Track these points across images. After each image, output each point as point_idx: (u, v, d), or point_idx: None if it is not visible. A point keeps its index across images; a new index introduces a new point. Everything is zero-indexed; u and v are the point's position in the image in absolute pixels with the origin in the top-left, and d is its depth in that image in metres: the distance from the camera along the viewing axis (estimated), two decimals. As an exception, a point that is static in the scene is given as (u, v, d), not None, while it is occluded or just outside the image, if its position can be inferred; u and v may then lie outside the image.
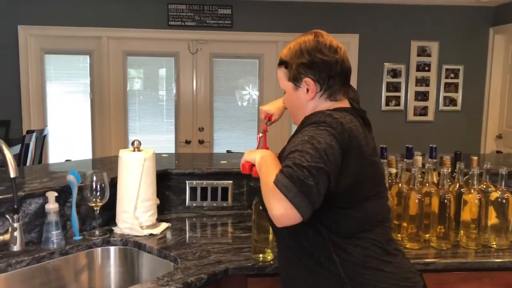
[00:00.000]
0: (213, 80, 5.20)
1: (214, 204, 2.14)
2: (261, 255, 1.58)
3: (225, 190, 2.14)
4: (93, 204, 1.77)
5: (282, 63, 1.38)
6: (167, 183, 2.10)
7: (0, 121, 4.85)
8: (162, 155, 2.48)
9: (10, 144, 4.33)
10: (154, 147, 1.94)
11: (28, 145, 3.84)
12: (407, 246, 1.71)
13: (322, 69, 1.30)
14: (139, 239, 1.74)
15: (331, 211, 1.21)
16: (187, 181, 2.12)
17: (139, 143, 1.86)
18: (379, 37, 5.19)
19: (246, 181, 2.15)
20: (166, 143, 5.21)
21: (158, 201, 1.98)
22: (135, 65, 5.21)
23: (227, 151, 3.67)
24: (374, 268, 1.25)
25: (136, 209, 1.80)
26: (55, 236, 1.64)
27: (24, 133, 4.16)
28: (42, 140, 4.42)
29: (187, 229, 1.92)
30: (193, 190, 2.13)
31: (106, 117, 5.11)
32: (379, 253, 1.26)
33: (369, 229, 1.27)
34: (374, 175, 1.29)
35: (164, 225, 1.89)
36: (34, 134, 3.94)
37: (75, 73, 5.16)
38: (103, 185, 1.76)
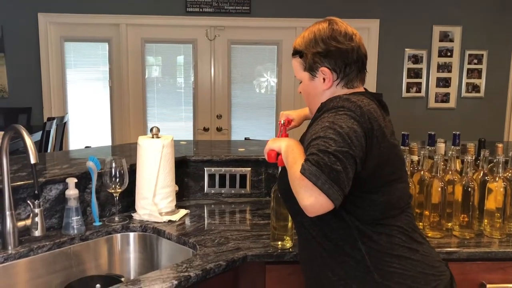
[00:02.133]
0: (231, 67, 5.17)
1: (233, 191, 2.13)
2: (279, 243, 1.57)
3: (243, 177, 2.12)
4: (113, 191, 1.77)
5: (297, 53, 1.35)
6: (186, 170, 2.10)
7: (22, 109, 4.92)
8: (181, 142, 2.48)
9: (31, 131, 4.40)
10: (172, 134, 1.94)
11: (49, 132, 3.88)
12: (429, 234, 1.68)
13: (338, 57, 1.27)
14: (158, 226, 1.75)
15: (354, 196, 1.18)
16: (205, 168, 2.11)
17: (158, 130, 1.85)
18: (400, 22, 5.09)
19: (265, 168, 2.14)
20: (184, 131, 5.21)
21: (177, 188, 1.98)
22: (153, 53, 5.20)
23: (245, 138, 3.65)
24: (401, 256, 1.22)
25: (155, 196, 1.80)
26: (75, 221, 1.65)
27: (45, 120, 4.21)
28: (62, 127, 4.47)
29: (205, 216, 1.92)
30: (211, 177, 2.12)
31: (125, 104, 5.13)
32: (405, 240, 1.24)
33: (393, 216, 1.24)
34: (395, 158, 1.27)
35: (183, 212, 1.89)
36: (55, 121, 3.99)
37: (94, 60, 5.17)
38: (122, 171, 1.77)
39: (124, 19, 4.99)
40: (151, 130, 1.84)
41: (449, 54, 5.16)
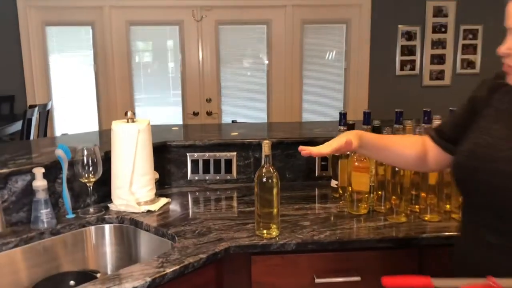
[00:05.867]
0: (219, 49, 5.00)
1: (218, 177, 2.01)
2: (265, 231, 1.45)
3: (228, 162, 2.00)
4: (86, 180, 1.65)
5: None
6: (167, 156, 1.98)
7: (4, 97, 4.75)
8: (173, 128, 2.35)
9: (14, 120, 4.25)
10: (161, 119, 1.80)
11: (30, 120, 3.73)
12: (426, 218, 1.57)
13: None
14: (136, 216, 1.62)
15: None
16: (187, 154, 1.99)
17: (133, 114, 1.72)
18: (392, -2, 4.92)
19: (252, 152, 2.01)
20: (173, 116, 5.07)
21: (157, 176, 1.86)
22: (139, 36, 5.02)
23: (232, 121, 3.52)
24: None
25: (132, 185, 1.68)
26: (44, 215, 1.52)
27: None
28: (46, 114, 4.32)
29: (188, 204, 1.80)
30: (194, 163, 2.00)
31: (111, 89, 4.97)
32: None
33: None
34: None
35: (163, 201, 1.77)
36: (36, 108, 3.83)
37: (78, 45, 4.99)
38: (95, 159, 1.64)
39: (107, 1, 4.80)
40: (126, 114, 1.71)
41: (443, 30, 5.01)
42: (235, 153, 2.00)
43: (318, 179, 2.03)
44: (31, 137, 3.80)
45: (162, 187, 1.94)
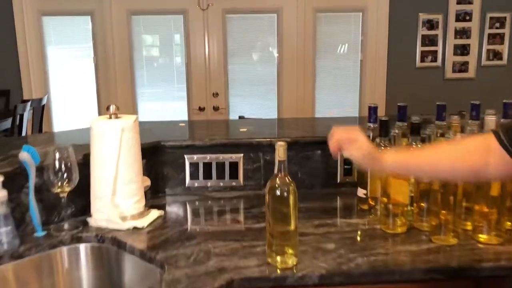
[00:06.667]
0: (226, 40, 4.69)
1: (221, 184, 1.69)
2: (279, 258, 1.14)
3: (234, 165, 1.69)
4: (59, 190, 1.34)
5: None
6: (161, 158, 1.67)
7: (-1, 91, 4.48)
8: (180, 124, 2.05)
9: (10, 116, 3.96)
10: (165, 115, 1.49)
11: (22, 116, 3.45)
12: (482, 239, 1.24)
13: None
14: (119, 235, 1.32)
15: None
16: (185, 156, 1.67)
17: (117, 108, 1.41)
18: (412, -16, 4.57)
19: (262, 154, 1.70)
20: (178, 111, 4.78)
21: (147, 183, 1.55)
22: (141, 26, 4.73)
23: (240, 117, 3.21)
24: None
25: (115, 195, 1.37)
26: (4, 234, 1.22)
27: (25, 103, 3.78)
28: (41, 109, 4.03)
29: (184, 218, 1.49)
30: (194, 166, 1.68)
31: (112, 83, 4.70)
32: None
33: None
34: None
35: (154, 214, 1.46)
36: (29, 103, 3.55)
37: (77, 36, 4.73)
38: (69, 164, 1.33)
39: (107, -12, 4.51)
40: (108, 108, 1.40)
41: (467, 18, 4.66)
42: (242, 155, 1.68)
43: (341, 186, 1.71)
44: (23, 134, 3.52)
45: (155, 196, 1.63)
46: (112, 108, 1.39)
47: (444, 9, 4.65)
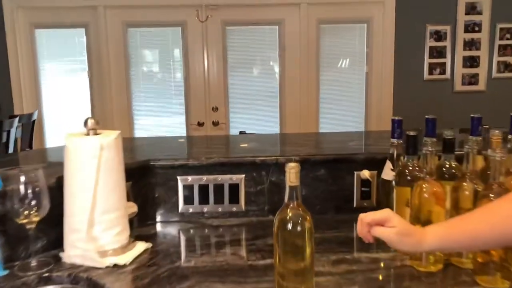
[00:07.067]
0: (226, 53, 4.51)
1: (219, 209, 1.47)
2: (291, 307, 0.91)
3: (234, 188, 1.46)
4: (25, 220, 1.12)
5: None
6: (150, 180, 1.45)
7: (-12, 107, 4.28)
8: (179, 140, 1.84)
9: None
10: (162, 130, 1.27)
11: (9, 132, 3.24)
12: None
13: None
14: (96, 275, 1.09)
15: None
16: (178, 177, 1.45)
17: (96, 122, 1.20)
18: (419, -6, 4.41)
19: (266, 174, 1.48)
20: (176, 126, 4.58)
21: (133, 209, 1.33)
22: (137, 39, 4.55)
23: (240, 132, 3.00)
24: None
25: (93, 226, 1.15)
26: (-47, 277, 1.00)
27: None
28: (31, 125, 3.82)
29: (177, 251, 1.26)
30: (188, 189, 1.46)
31: (107, 98, 4.50)
32: None
33: None
34: None
35: (140, 247, 1.23)
36: (17, 119, 3.34)
37: (71, 49, 4.55)
38: (37, 189, 1.12)
39: (102, 0, 4.34)
40: (85, 123, 1.19)
41: (477, 29, 4.49)
42: (243, 175, 1.47)
43: (357, 211, 1.48)
44: (10, 151, 3.30)
45: (143, 224, 1.41)
46: (90, 122, 1.18)
47: (452, 19, 4.48)
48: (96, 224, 1.15)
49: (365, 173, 1.45)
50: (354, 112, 4.61)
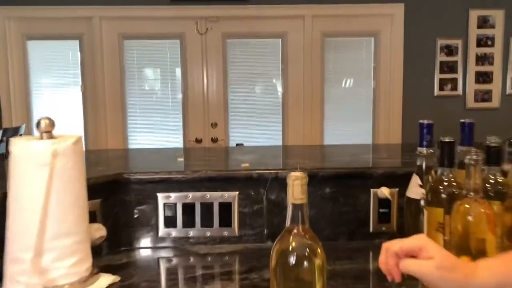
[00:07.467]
0: (227, 66, 4.35)
1: (208, 234, 1.22)
2: None
3: (226, 207, 1.21)
4: (-46, 246, 0.87)
5: None
6: (124, 198, 1.20)
7: (-25, 121, 4.08)
8: (178, 159, 1.58)
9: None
10: (159, 147, 1.03)
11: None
12: None
13: None
14: (40, 320, 0.84)
15: None
16: (158, 194, 1.20)
17: (51, 123, 0.96)
18: (429, 7, 4.25)
19: (265, 192, 1.23)
20: (173, 143, 4.38)
21: (101, 233, 1.08)
22: (134, 51, 4.38)
23: (237, 144, 2.77)
24: None
25: (42, 255, 0.90)
26: None
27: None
28: (17, 141, 3.59)
29: (153, 287, 1.01)
30: (170, 209, 1.21)
31: (101, 113, 4.32)
32: None
33: None
34: None
35: (104, 282, 0.98)
36: (0, 132, 3.12)
37: (64, 62, 4.39)
38: (-30, 207, 0.87)
39: (97, 11, 4.20)
40: (38, 124, 0.95)
41: (489, 43, 4.33)
42: (237, 192, 1.22)
43: (374, 237, 1.23)
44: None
45: (114, 251, 1.16)
46: (44, 123, 0.94)
47: (463, 33, 4.31)
48: (45, 252, 0.90)
49: (384, 191, 1.21)
50: (361, 130, 4.40)
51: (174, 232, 1.22)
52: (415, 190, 1.02)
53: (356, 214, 1.24)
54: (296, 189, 0.64)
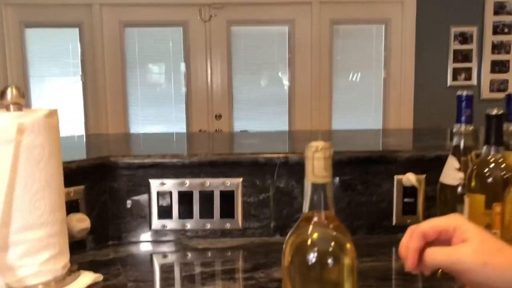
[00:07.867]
0: (231, 55, 4.22)
1: (208, 226, 1.07)
2: None
3: (228, 196, 1.06)
4: None
5: None
6: (112, 184, 1.05)
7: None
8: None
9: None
10: None
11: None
12: None
13: None
14: (2, 328, 0.69)
15: None
16: (151, 181, 1.05)
17: (20, 94, 0.81)
18: (442, -8, 4.13)
19: (272, 179, 1.08)
20: (176, 135, 4.24)
21: (84, 225, 0.94)
22: (135, 40, 4.27)
23: (241, 131, 2.63)
24: None
25: (7, 250, 0.75)
26: None
27: None
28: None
29: (142, 287, 0.86)
30: (164, 197, 1.06)
31: (102, 103, 4.22)
32: None
33: None
34: None
35: (83, 281, 0.83)
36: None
37: (63, 50, 4.27)
38: None
39: (97, -3, 4.07)
40: (3, 94, 0.80)
41: (506, 30, 4.20)
42: (241, 179, 1.06)
43: (398, 231, 1.07)
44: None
45: (99, 245, 1.01)
46: (11, 93, 0.79)
47: (479, 20, 4.16)
48: (10, 246, 0.75)
49: (410, 178, 1.05)
50: (371, 121, 4.27)
51: (169, 224, 1.07)
52: (452, 174, 0.86)
53: (377, 204, 1.09)
54: (318, 163, 0.49)
